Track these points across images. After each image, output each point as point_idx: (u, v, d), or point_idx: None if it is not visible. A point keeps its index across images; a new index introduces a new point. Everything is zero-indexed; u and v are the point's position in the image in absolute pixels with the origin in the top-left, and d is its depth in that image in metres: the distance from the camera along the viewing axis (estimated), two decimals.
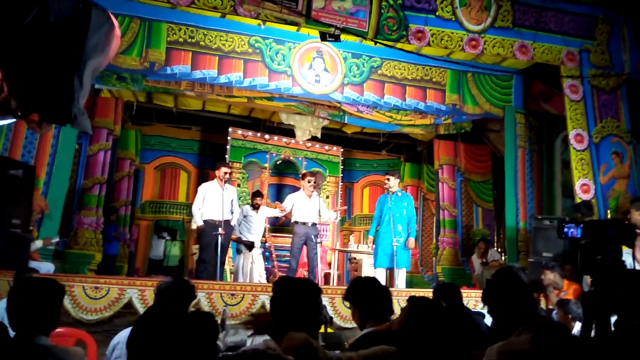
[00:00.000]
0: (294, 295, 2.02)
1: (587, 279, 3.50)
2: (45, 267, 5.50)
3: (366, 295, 2.41)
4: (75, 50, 2.25)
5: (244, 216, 6.93)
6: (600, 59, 6.88)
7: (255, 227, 7.07)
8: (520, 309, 1.94)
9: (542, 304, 5.35)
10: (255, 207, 7.14)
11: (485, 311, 3.37)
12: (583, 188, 6.53)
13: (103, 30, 2.24)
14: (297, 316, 1.96)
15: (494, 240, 9.17)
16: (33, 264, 5.08)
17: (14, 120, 1.97)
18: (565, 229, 2.08)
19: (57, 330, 2.28)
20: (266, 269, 7.47)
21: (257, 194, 7.39)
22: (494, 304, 2.05)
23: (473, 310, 4.08)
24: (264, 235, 7.37)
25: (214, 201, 6.18)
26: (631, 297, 1.72)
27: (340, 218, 7.56)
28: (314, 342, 1.77)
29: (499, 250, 8.80)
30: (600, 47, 6.90)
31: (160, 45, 6.20)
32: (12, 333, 1.95)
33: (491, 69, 7.35)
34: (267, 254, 7.92)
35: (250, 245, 6.95)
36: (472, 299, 5.52)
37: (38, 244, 5.74)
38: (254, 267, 6.89)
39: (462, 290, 3.36)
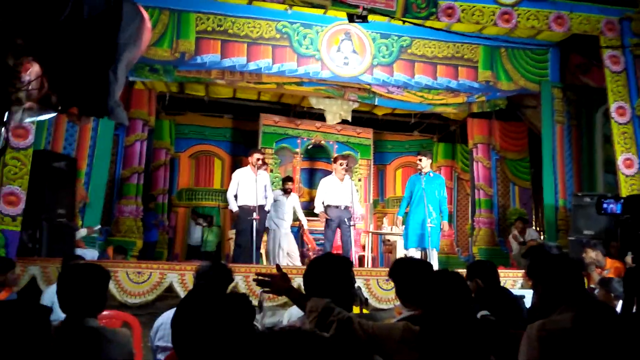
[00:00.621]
0: (325, 269, 2.05)
1: (629, 256, 3.40)
2: (90, 254, 5.76)
3: (407, 275, 2.33)
4: (109, 45, 2.31)
5: (274, 200, 7.01)
6: None
7: (285, 211, 7.14)
8: (566, 285, 1.88)
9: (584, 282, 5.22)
10: (287, 192, 7.20)
11: (525, 292, 3.32)
12: (626, 163, 6.27)
13: (134, 24, 2.30)
14: (329, 288, 1.98)
15: (532, 219, 8.96)
16: (78, 251, 5.32)
17: (55, 114, 2.07)
18: (605, 205, 2.02)
19: (104, 313, 2.41)
20: (302, 252, 7.55)
21: (288, 179, 7.46)
22: (539, 278, 1.98)
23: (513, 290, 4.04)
24: (294, 220, 7.43)
25: (247, 187, 6.28)
26: None
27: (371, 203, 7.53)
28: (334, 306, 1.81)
29: (538, 229, 8.61)
30: None
31: (190, 35, 6.28)
32: (62, 316, 2.07)
33: (526, 42, 7.10)
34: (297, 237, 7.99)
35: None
36: (509, 278, 5.45)
37: (82, 232, 6.01)
38: (279, 251, 6.95)
39: (499, 270, 3.31)
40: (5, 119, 2.03)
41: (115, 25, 2.23)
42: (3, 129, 1.63)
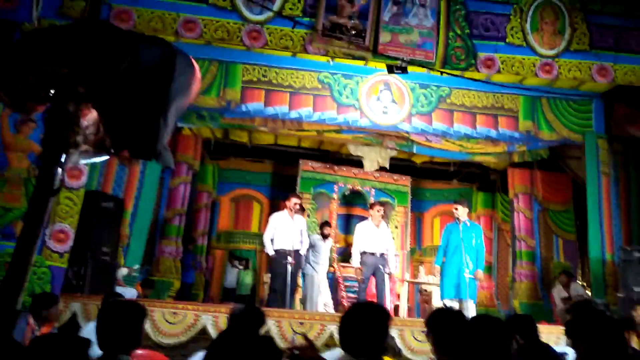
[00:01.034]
0: (362, 316, 2.05)
1: None
2: (130, 293, 5.90)
3: (446, 326, 2.27)
4: (161, 93, 2.48)
5: (311, 245, 7.03)
6: None
7: (323, 256, 7.13)
8: (607, 344, 1.83)
9: (634, 343, 4.89)
10: (325, 237, 7.22)
11: (568, 349, 3.16)
12: None
13: (186, 75, 2.46)
14: (363, 336, 1.97)
15: (577, 273, 8.55)
16: (119, 289, 5.47)
17: (108, 157, 2.22)
18: None
19: (138, 352, 2.46)
20: (333, 298, 7.47)
21: (326, 224, 7.49)
22: (579, 337, 1.95)
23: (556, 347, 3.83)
24: (331, 265, 7.40)
25: (284, 231, 6.35)
26: None
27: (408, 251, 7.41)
28: None
29: (583, 284, 8.19)
30: None
31: (236, 85, 6.58)
32: (99, 352, 2.14)
33: (568, 93, 7.03)
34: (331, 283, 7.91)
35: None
36: (553, 335, 5.17)
37: (123, 271, 6.19)
38: (319, 298, 6.89)
39: (542, 326, 3.17)
40: (63, 160, 2.18)
41: (169, 76, 2.42)
42: (60, 170, 1.77)
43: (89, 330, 4.27)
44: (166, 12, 5.73)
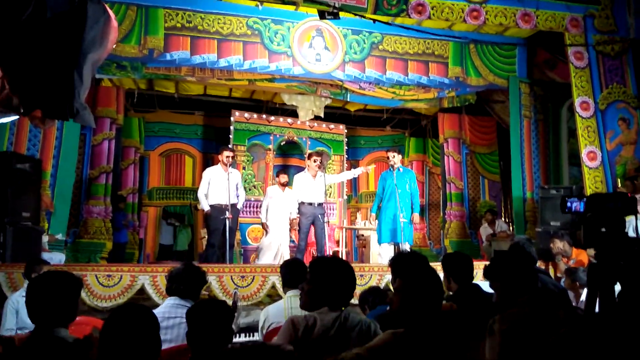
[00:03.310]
0: (335, 274, 2.15)
1: (591, 252, 3.51)
2: (57, 258, 5.61)
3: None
4: (73, 45, 2.25)
5: (269, 197, 6.84)
6: (605, 23, 6.76)
7: (282, 207, 6.84)
8: (520, 282, 2.04)
9: (551, 272, 5.38)
10: (283, 185, 6.86)
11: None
12: (590, 155, 6.50)
13: (100, 24, 2.23)
14: (335, 293, 2.12)
15: (502, 211, 9.18)
16: (45, 255, 5.17)
17: (17, 117, 2.00)
18: (569, 203, 2.10)
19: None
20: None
21: (282, 171, 6.99)
22: (495, 278, 2.17)
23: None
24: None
25: (219, 185, 6.22)
26: (635, 268, 1.74)
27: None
28: None
29: (507, 221, 8.82)
30: (604, 11, 6.77)
31: (159, 32, 6.15)
32: (28, 323, 2.01)
33: (494, 39, 7.24)
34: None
35: None
36: (480, 270, 5.56)
37: (44, 239, 5.82)
38: (279, 250, 6.79)
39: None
40: None
41: (80, 25, 2.17)
42: None
43: (14, 300, 4.04)
44: None
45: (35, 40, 2.15)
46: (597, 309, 2.01)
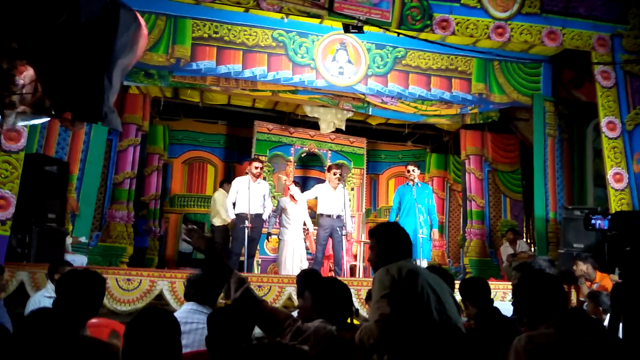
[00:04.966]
0: (331, 295, 2.26)
1: (615, 277, 3.42)
2: (79, 260, 5.71)
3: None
4: (104, 50, 2.31)
5: (282, 208, 6.95)
6: (633, 43, 6.65)
7: (294, 218, 6.99)
8: (549, 305, 1.95)
9: (573, 296, 5.25)
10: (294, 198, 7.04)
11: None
12: (616, 177, 6.36)
13: (131, 30, 2.30)
14: (334, 312, 2.21)
15: (523, 231, 9.01)
16: (68, 257, 5.27)
17: (48, 119, 2.06)
18: (593, 221, 2.05)
19: (93, 320, 2.38)
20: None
21: (296, 184, 7.37)
22: (523, 304, 2.08)
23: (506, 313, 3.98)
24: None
25: (244, 195, 6.30)
26: None
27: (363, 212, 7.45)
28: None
29: (528, 241, 8.66)
30: (633, 31, 6.66)
31: (186, 41, 6.28)
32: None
33: (518, 57, 7.18)
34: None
35: None
36: (500, 290, 5.47)
37: (68, 241, 5.95)
38: (294, 261, 6.78)
39: (490, 282, 3.27)
40: None
41: (112, 32, 2.24)
42: None
43: (36, 299, 4.13)
44: None
45: (69, 45, 2.22)
46: (620, 333, 1.96)
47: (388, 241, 2.27)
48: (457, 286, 3.09)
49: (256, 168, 6.38)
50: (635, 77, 6.61)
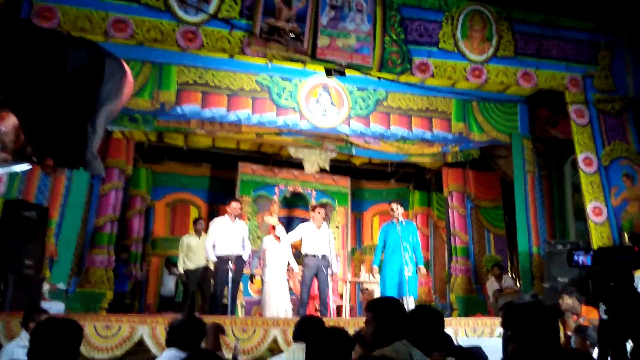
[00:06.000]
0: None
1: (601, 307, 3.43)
2: (56, 307, 5.52)
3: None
4: (89, 98, 2.33)
5: (264, 249, 6.88)
6: (604, 83, 6.94)
7: (277, 259, 6.87)
8: (543, 334, 1.92)
9: (560, 330, 5.22)
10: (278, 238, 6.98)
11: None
12: (595, 211, 6.49)
13: (116, 78, 2.32)
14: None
15: (507, 266, 9.04)
16: (44, 304, 5.11)
17: (30, 167, 2.05)
18: (575, 257, 2.08)
19: None
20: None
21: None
22: (517, 330, 2.04)
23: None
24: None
25: (225, 236, 6.22)
26: None
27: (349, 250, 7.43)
28: None
29: (513, 276, 8.67)
30: (603, 72, 6.97)
31: (171, 87, 6.36)
32: None
33: (496, 97, 7.41)
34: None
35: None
36: (487, 327, 5.42)
37: (45, 287, 5.77)
38: (278, 303, 6.62)
39: (477, 318, 3.24)
40: None
41: (97, 80, 2.27)
42: None
43: (9, 349, 3.96)
44: (94, 11, 5.43)
45: (53, 93, 2.24)
46: None
47: (386, 318, 2.25)
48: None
49: (234, 209, 6.36)
50: (608, 114, 6.87)
